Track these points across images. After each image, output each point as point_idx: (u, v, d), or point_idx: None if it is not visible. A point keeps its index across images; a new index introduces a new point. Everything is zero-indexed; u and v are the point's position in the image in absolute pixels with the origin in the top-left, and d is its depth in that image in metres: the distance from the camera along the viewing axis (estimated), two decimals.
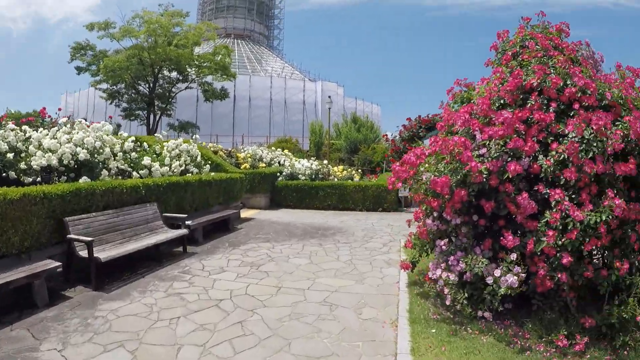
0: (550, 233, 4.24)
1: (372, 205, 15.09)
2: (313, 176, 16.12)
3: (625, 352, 4.03)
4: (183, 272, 6.94)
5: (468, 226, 5.08)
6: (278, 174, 16.32)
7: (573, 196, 4.43)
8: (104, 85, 35.25)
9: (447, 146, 4.85)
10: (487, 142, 4.80)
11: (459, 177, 4.77)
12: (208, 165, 11.74)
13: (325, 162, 17.25)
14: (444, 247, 5.23)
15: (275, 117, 55.71)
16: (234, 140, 44.46)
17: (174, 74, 36.18)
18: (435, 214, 5.49)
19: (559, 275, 4.27)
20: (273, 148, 21.73)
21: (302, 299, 5.74)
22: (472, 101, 5.67)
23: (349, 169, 17.72)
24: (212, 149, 16.09)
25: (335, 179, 16.44)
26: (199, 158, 11.49)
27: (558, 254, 4.24)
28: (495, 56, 6.15)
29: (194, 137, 13.32)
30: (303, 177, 16.09)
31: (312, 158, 17.51)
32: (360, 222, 12.48)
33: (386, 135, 17.90)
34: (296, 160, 17.64)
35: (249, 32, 73.88)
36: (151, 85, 35.33)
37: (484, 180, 4.59)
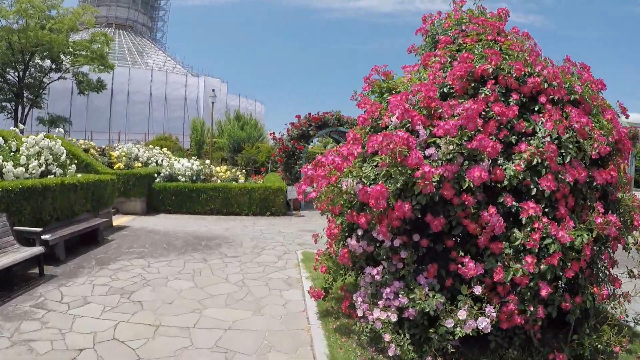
0: (529, 259, 3.51)
1: (259, 210, 14.27)
2: (194, 177, 14.84)
3: None
4: (36, 305, 5.46)
5: (409, 249, 4.12)
6: (155, 175, 14.75)
7: (546, 210, 3.77)
8: None
9: (388, 144, 3.69)
10: (436, 141, 3.88)
11: (397, 185, 3.74)
12: (74, 166, 9.86)
13: (208, 161, 16.02)
14: (377, 276, 4.20)
15: (155, 113, 52.12)
16: (110, 137, 40.62)
17: (47, 63, 31.82)
18: (360, 232, 4.44)
19: (532, 309, 3.62)
20: (151, 146, 19.80)
21: (188, 343, 4.61)
22: (394, 92, 4.88)
23: (233, 170, 16.70)
24: (83, 146, 13.98)
25: (219, 181, 15.33)
26: (63, 157, 9.66)
27: (532, 284, 3.56)
28: (424, 41, 5.50)
29: (57, 131, 11.34)
30: (183, 179, 14.74)
31: (193, 157, 16.21)
32: (247, 229, 11.58)
33: (273, 133, 17.08)
34: (176, 160, 16.16)
35: (132, 23, 68.93)
36: (20, 73, 30.76)
37: (434, 190, 3.64)
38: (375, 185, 3.77)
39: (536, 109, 4.12)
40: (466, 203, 3.72)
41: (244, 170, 17.61)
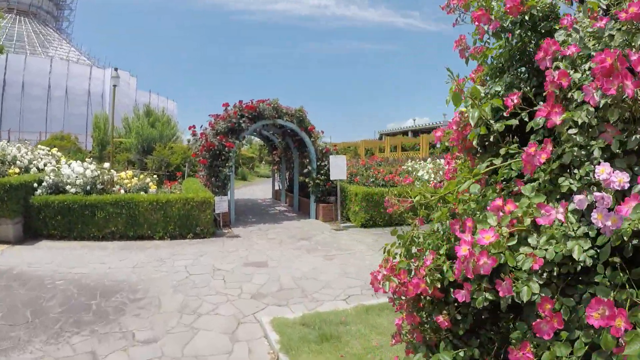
0: None
1: (179, 230, 10.64)
2: (88, 187, 10.90)
3: None
4: None
5: None
6: (35, 184, 10.66)
7: None
8: None
9: None
10: None
11: None
12: None
13: (107, 165, 12.05)
14: None
15: (55, 109, 44.87)
16: (0, 136, 34.02)
17: None
18: None
19: None
20: (41, 147, 15.21)
21: None
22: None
23: (142, 175, 12.89)
24: None
25: (123, 191, 11.54)
26: None
27: None
28: None
29: None
30: (74, 189, 10.75)
31: (87, 160, 12.16)
32: (165, 266, 7.96)
33: (193, 127, 13.28)
34: (66, 164, 12.06)
35: (35, 9, 60.73)
36: None
37: None
38: None
39: None
40: None
41: (155, 176, 13.86)
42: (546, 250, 1.41)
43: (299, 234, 11.53)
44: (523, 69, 2.11)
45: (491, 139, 1.99)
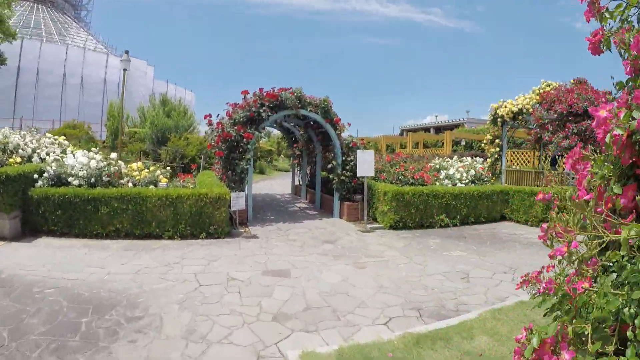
0: None
1: (191, 229, 9.62)
2: (93, 179, 9.96)
3: None
4: None
5: None
6: (36, 175, 9.75)
7: None
8: None
9: None
10: None
11: None
12: None
13: (114, 155, 11.06)
14: None
15: (70, 97, 44.37)
16: (13, 124, 33.42)
17: None
18: None
19: None
20: (48, 135, 14.28)
21: None
22: None
23: (152, 167, 11.94)
24: None
25: (130, 184, 10.59)
26: None
27: None
28: None
29: None
30: (77, 181, 9.82)
31: (93, 150, 11.13)
32: (172, 273, 6.90)
33: (209, 116, 12.21)
34: (71, 153, 11.12)
35: None
36: None
37: None
38: None
39: None
40: None
41: (168, 168, 12.89)
42: None
43: (323, 235, 10.44)
44: None
45: None
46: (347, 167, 12.81)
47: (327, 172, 15.02)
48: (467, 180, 14.09)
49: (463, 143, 33.05)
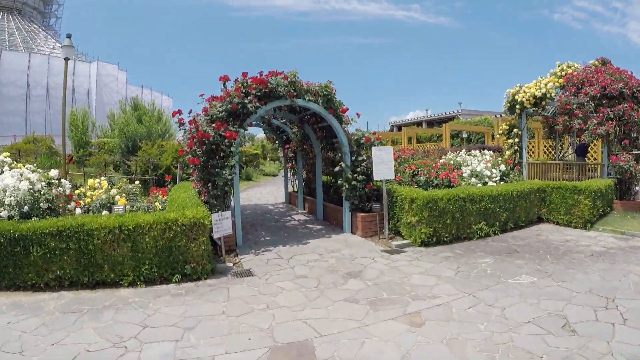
0: None
1: (159, 271, 6.79)
2: (26, 207, 7.18)
3: None
4: None
5: None
6: None
7: None
8: None
9: None
10: None
11: None
12: None
13: (54, 172, 8.18)
14: None
15: (34, 110, 41.10)
16: None
17: None
18: None
19: None
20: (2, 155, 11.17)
21: None
22: None
23: (105, 185, 9.15)
24: None
25: (79, 210, 7.84)
26: None
27: None
28: None
29: None
30: (6, 212, 7.05)
31: (27, 167, 8.14)
32: None
33: (178, 113, 9.12)
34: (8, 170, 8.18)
35: (20, 5, 58.88)
36: None
37: None
38: None
39: None
40: None
41: (137, 182, 10.15)
42: None
43: (341, 263, 7.74)
44: None
45: None
46: (358, 170, 10.12)
47: (330, 176, 12.33)
48: (497, 178, 11.58)
49: (464, 135, 30.59)
